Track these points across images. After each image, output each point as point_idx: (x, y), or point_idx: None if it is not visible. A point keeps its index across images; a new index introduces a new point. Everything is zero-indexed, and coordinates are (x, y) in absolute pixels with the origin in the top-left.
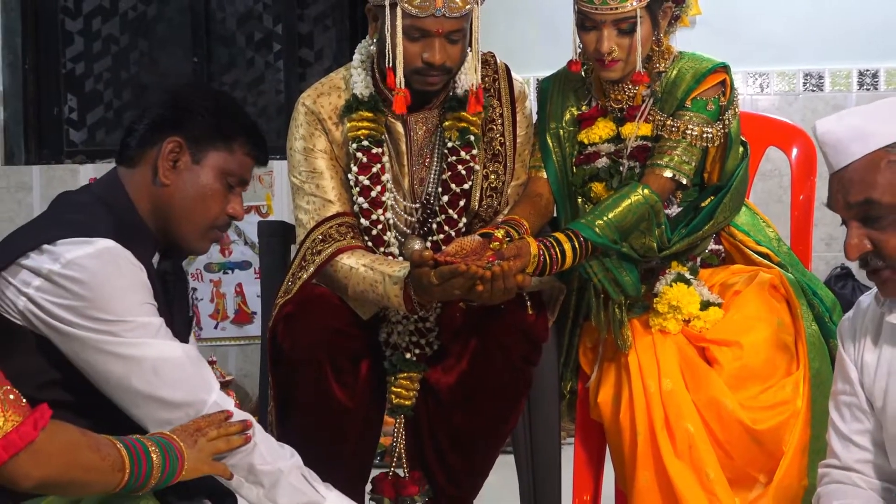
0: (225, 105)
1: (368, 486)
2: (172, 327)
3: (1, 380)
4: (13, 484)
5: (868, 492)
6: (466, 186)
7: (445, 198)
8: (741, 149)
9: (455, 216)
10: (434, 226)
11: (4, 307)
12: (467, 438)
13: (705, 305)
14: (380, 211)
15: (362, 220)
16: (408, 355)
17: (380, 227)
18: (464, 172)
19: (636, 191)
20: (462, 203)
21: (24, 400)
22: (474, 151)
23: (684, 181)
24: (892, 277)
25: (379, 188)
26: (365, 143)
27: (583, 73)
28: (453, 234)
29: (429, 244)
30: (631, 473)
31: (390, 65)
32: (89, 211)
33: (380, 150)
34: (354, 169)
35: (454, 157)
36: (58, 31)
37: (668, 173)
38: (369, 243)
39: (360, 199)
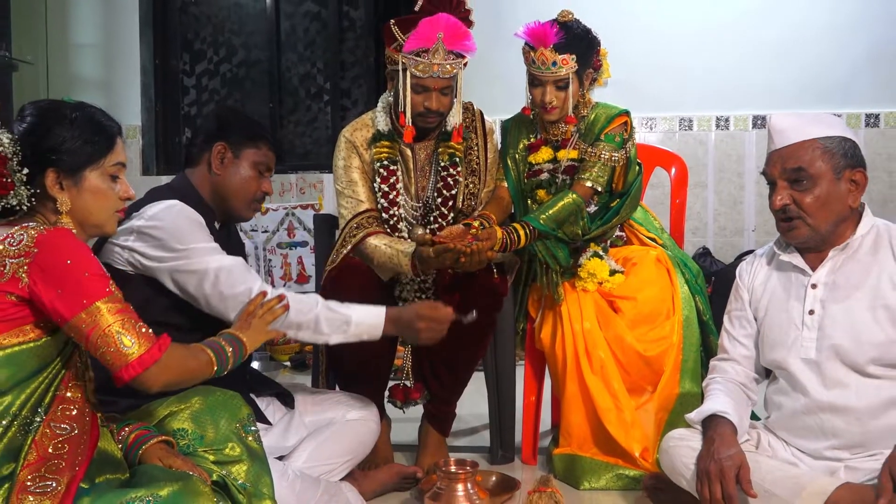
0: (250, 119)
1: (386, 394)
2: None
3: (136, 317)
4: (146, 388)
5: (741, 369)
6: (453, 192)
7: (439, 200)
8: (637, 168)
9: (445, 212)
10: (431, 218)
11: (116, 261)
12: (453, 361)
13: (612, 273)
14: (395, 208)
15: (383, 214)
16: None
17: (395, 219)
18: (451, 183)
19: (568, 195)
20: (450, 203)
21: (151, 331)
22: (459, 168)
23: (600, 189)
24: (801, 226)
25: (394, 193)
26: (385, 162)
27: (532, 116)
28: (444, 224)
29: (428, 231)
30: (562, 385)
31: (402, 109)
32: (163, 194)
33: (395, 167)
34: (378, 180)
35: (445, 173)
36: (178, 85)
37: (588, 184)
38: (388, 229)
39: (382, 200)
